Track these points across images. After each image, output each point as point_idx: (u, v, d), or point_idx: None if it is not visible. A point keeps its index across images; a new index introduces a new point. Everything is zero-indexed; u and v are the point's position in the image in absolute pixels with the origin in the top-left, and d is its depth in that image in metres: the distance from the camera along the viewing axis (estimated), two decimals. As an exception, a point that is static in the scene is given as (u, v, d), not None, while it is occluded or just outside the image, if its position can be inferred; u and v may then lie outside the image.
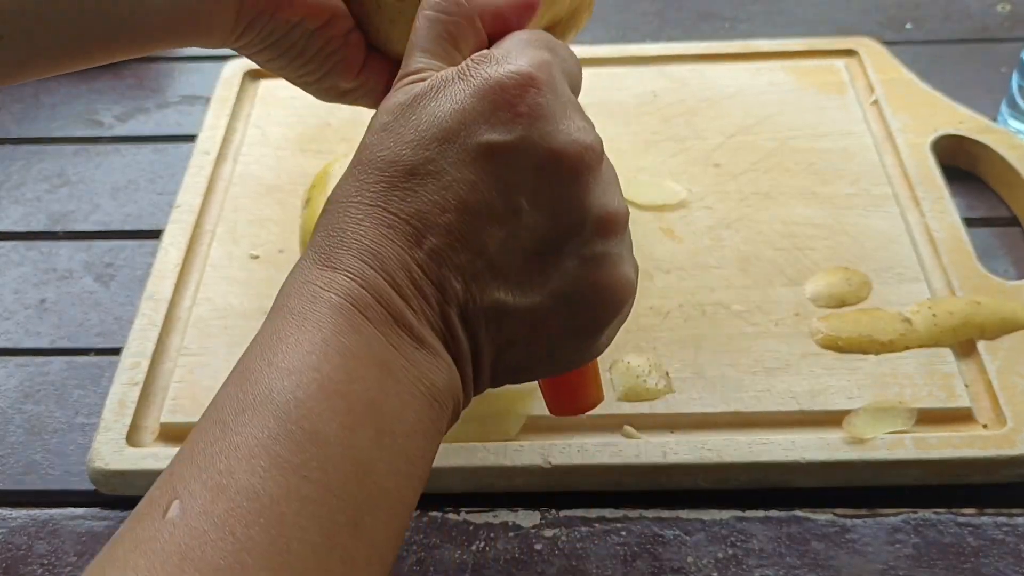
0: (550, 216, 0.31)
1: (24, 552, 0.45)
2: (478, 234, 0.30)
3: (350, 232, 0.30)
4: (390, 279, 0.30)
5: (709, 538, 0.44)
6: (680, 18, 0.76)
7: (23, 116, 0.71)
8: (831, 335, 0.49)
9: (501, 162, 0.30)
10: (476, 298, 0.31)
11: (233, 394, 0.28)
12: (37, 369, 0.53)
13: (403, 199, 0.30)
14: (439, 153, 0.30)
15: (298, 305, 0.29)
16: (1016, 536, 0.43)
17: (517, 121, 0.30)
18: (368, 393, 0.28)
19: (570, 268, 0.32)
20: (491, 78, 0.31)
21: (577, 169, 0.31)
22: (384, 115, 0.32)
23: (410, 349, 0.29)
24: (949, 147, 0.60)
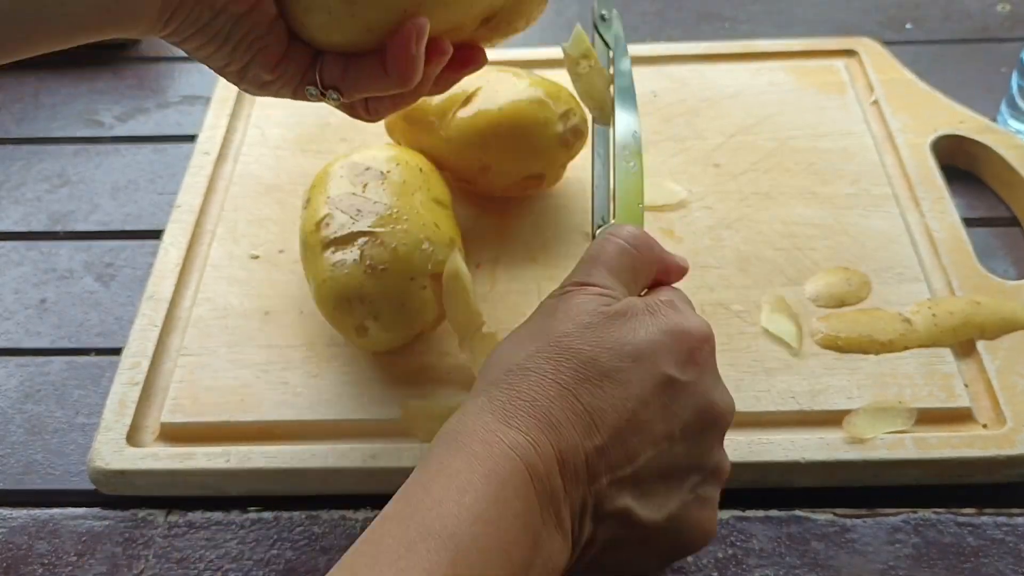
0: (689, 451, 0.36)
1: (24, 552, 0.45)
2: (636, 445, 0.34)
3: (540, 404, 0.34)
4: (560, 457, 0.33)
5: (709, 538, 0.44)
6: (680, 18, 0.76)
7: (23, 116, 0.71)
8: (831, 335, 0.49)
9: (673, 394, 0.35)
10: (612, 499, 0.34)
11: (419, 520, 0.30)
12: (37, 369, 0.53)
13: (591, 393, 0.34)
14: (630, 368, 0.35)
15: (483, 451, 0.32)
16: (1016, 536, 0.43)
17: (693, 368, 0.36)
18: (522, 559, 0.31)
19: (687, 500, 0.36)
20: (681, 325, 0.37)
21: (721, 423, 0.37)
22: (586, 315, 0.36)
23: (552, 528, 0.32)
24: (949, 147, 0.60)
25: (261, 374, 0.50)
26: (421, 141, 0.55)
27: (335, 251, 0.47)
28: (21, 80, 0.74)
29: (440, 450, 0.33)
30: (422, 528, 0.30)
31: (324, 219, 0.48)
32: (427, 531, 0.30)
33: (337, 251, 0.46)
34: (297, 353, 0.51)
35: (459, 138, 0.53)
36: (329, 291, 0.46)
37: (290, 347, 0.51)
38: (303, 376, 0.50)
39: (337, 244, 0.47)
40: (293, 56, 0.39)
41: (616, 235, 0.40)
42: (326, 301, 0.47)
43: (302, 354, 0.51)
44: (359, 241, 0.46)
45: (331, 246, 0.47)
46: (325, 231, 0.47)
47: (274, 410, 0.48)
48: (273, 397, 0.49)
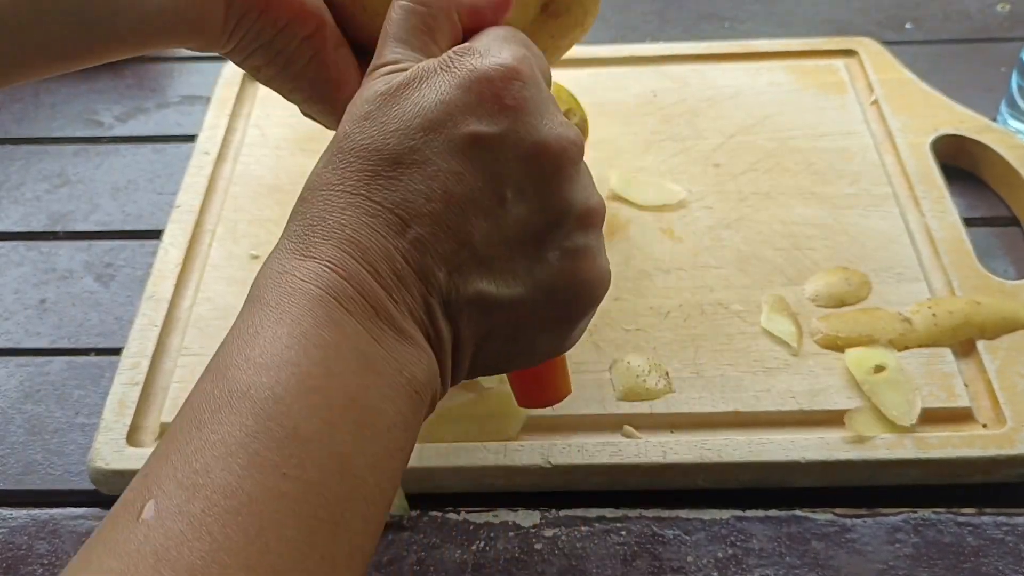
0: (534, 207, 0.31)
1: (24, 552, 0.45)
2: (463, 224, 0.30)
3: (331, 221, 0.30)
4: (372, 269, 0.29)
5: (709, 538, 0.44)
6: (680, 18, 0.76)
7: (23, 116, 0.71)
8: (831, 335, 0.49)
9: (487, 152, 0.31)
10: (459, 288, 0.31)
11: (209, 391, 0.27)
12: (37, 369, 0.53)
13: (387, 188, 0.30)
14: (424, 142, 0.30)
15: (275, 297, 0.29)
16: (1016, 536, 0.43)
17: (503, 113, 0.31)
18: (348, 388, 0.27)
19: (552, 260, 0.32)
20: (476, 70, 0.31)
21: (561, 162, 0.32)
22: (364, 104, 0.32)
23: (391, 341, 0.29)
24: (949, 147, 0.60)
25: (261, 374, 0.50)
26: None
27: (335, 251, 0.46)
28: (21, 80, 0.73)
29: (241, 311, 0.30)
30: (209, 400, 0.27)
31: (324, 219, 0.48)
32: (214, 402, 0.26)
33: (337, 251, 0.46)
34: (297, 353, 0.51)
35: (459, 138, 0.53)
36: (329, 291, 0.46)
37: (290, 347, 0.51)
38: (303, 376, 0.49)
39: (337, 244, 0.47)
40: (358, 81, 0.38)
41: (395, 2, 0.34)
42: (326, 301, 0.47)
43: (302, 354, 0.51)
44: (359, 241, 0.46)
45: (331, 246, 0.47)
46: (325, 231, 0.47)
47: (274, 410, 0.48)
48: (273, 397, 0.49)
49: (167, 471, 0.25)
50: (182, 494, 0.24)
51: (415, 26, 0.33)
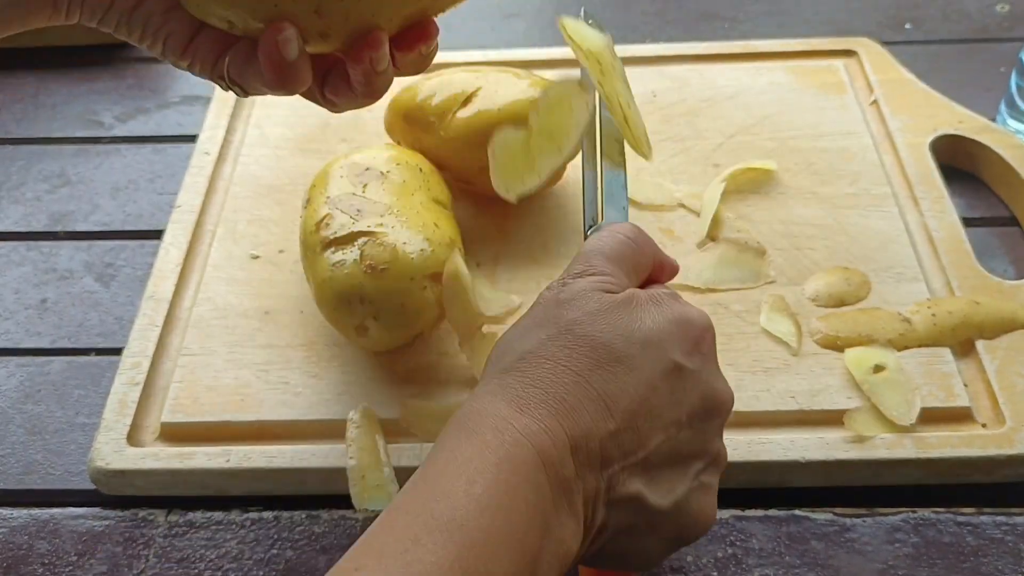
0: (695, 437, 0.36)
1: (25, 551, 0.45)
2: (648, 430, 0.35)
3: (552, 390, 0.34)
4: (573, 443, 0.33)
5: (709, 537, 0.44)
6: (680, 18, 0.76)
7: (23, 116, 0.71)
8: (831, 335, 0.50)
9: (680, 381, 0.36)
10: (625, 484, 0.34)
11: (428, 511, 0.30)
12: (38, 369, 0.53)
13: (605, 379, 0.34)
14: (641, 353, 0.35)
15: (495, 440, 0.32)
16: (1015, 535, 0.43)
17: (698, 356, 0.37)
18: (533, 546, 0.31)
19: (691, 487, 0.36)
20: (685, 314, 0.37)
21: (722, 411, 0.37)
22: (592, 302, 0.36)
23: (565, 515, 0.32)
24: (948, 147, 0.60)
25: (261, 374, 0.50)
26: (421, 141, 0.55)
27: (335, 251, 0.47)
28: (21, 80, 0.74)
29: (451, 438, 0.33)
30: (430, 520, 0.30)
31: (324, 219, 0.48)
32: (435, 523, 0.30)
33: (337, 251, 0.47)
34: (297, 353, 0.51)
35: (459, 138, 0.53)
36: (329, 291, 0.46)
37: (290, 347, 0.51)
38: (303, 376, 0.50)
39: (337, 244, 0.47)
40: (204, 41, 0.39)
41: (615, 229, 0.40)
42: (326, 301, 0.47)
43: (302, 354, 0.51)
44: (359, 241, 0.46)
45: (331, 246, 0.47)
46: (325, 231, 0.47)
47: (274, 410, 0.48)
48: (273, 397, 0.49)
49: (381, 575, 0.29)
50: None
51: (625, 255, 0.39)
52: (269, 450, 0.47)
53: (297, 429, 0.48)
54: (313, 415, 0.48)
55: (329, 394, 0.49)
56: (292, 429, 0.48)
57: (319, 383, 0.49)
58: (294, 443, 0.47)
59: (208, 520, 0.46)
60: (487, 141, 0.53)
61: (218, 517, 0.46)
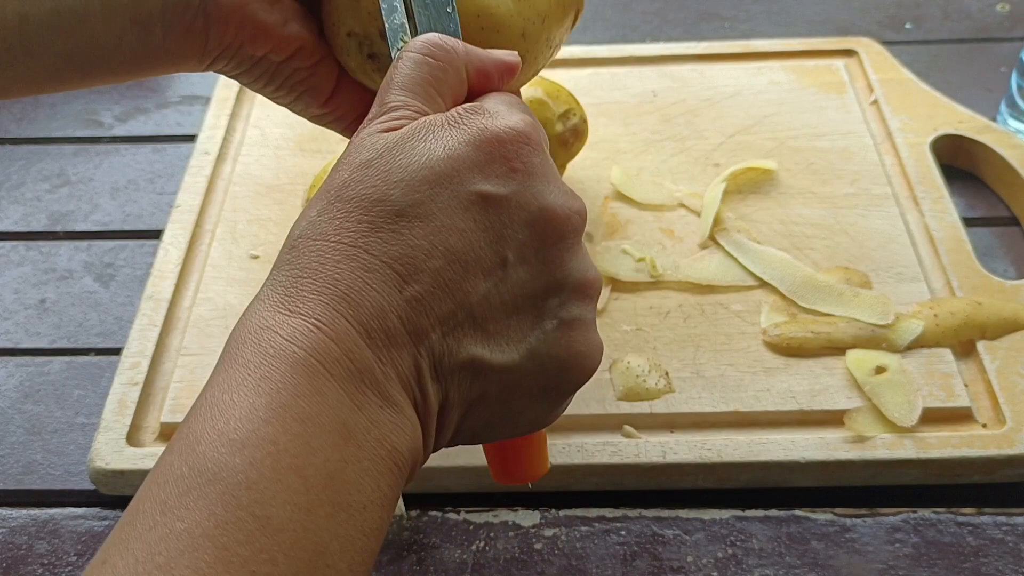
0: (535, 273, 0.31)
1: (24, 552, 0.45)
2: (463, 284, 0.29)
3: (323, 274, 0.28)
4: (362, 329, 0.28)
5: (709, 537, 0.44)
6: (680, 18, 0.76)
7: (23, 116, 0.71)
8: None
9: (493, 213, 0.30)
10: (452, 351, 0.29)
11: (177, 468, 0.25)
12: (37, 369, 0.53)
13: (387, 241, 0.29)
14: (429, 196, 0.29)
15: (255, 358, 0.27)
16: (1015, 536, 0.43)
17: (511, 175, 0.30)
18: (327, 465, 0.26)
19: (548, 328, 0.31)
20: (487, 129, 0.30)
21: (564, 230, 0.31)
22: (364, 151, 0.30)
23: (375, 408, 0.27)
24: (948, 147, 0.60)
25: (261, 374, 0.50)
26: (421, 141, 0.55)
27: (335, 251, 0.47)
28: (21, 80, 0.74)
29: (216, 367, 0.28)
30: (178, 481, 0.25)
31: (324, 219, 0.48)
32: (183, 484, 0.25)
33: (337, 251, 0.46)
34: (297, 353, 0.51)
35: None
36: (329, 291, 0.46)
37: (290, 347, 0.51)
38: (303, 376, 0.50)
39: (337, 244, 0.47)
40: (343, 94, 0.40)
41: (408, 48, 0.33)
42: (326, 301, 0.47)
43: (302, 354, 0.51)
44: (359, 241, 0.46)
45: (331, 246, 0.47)
46: (325, 231, 0.47)
47: (274, 410, 0.48)
48: (273, 397, 0.49)
49: (128, 562, 0.23)
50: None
51: (423, 77, 0.33)
52: (269, 450, 0.46)
53: (297, 429, 0.48)
54: (313, 415, 0.48)
55: (329, 394, 0.49)
56: (292, 429, 0.48)
57: (319, 383, 0.49)
58: (294, 443, 0.47)
59: (208, 520, 0.46)
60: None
61: (218, 517, 0.46)
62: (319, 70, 0.39)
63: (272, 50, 0.38)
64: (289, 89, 0.40)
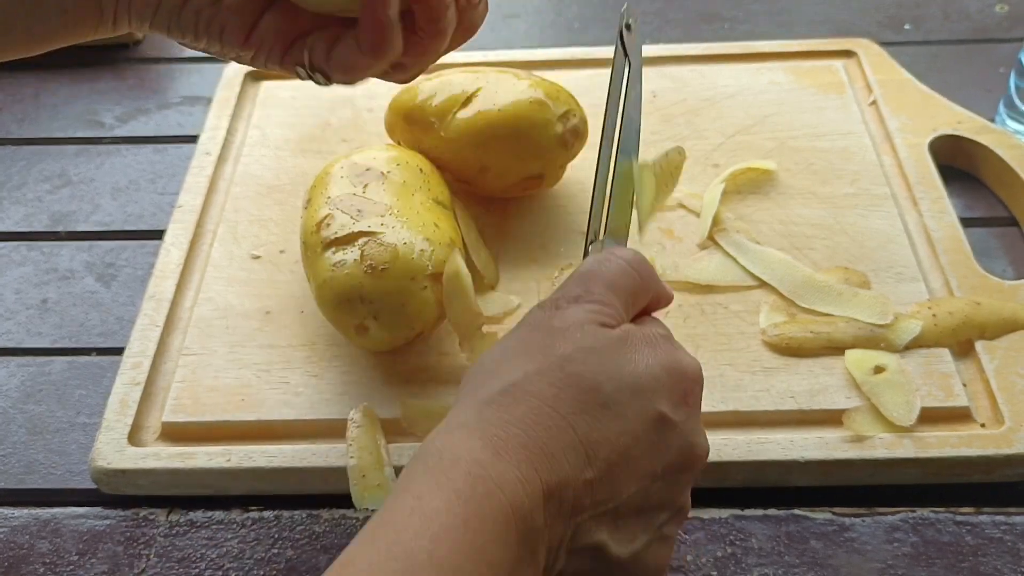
0: (665, 490, 0.35)
1: (26, 551, 0.45)
2: (624, 480, 0.33)
3: (534, 433, 0.32)
4: (547, 492, 0.31)
5: (708, 536, 0.44)
6: (680, 18, 0.76)
7: (24, 117, 0.71)
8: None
9: (663, 432, 0.34)
10: (590, 532, 0.33)
11: (385, 567, 0.28)
12: (39, 369, 0.54)
13: (589, 425, 0.33)
14: (628, 401, 0.34)
15: (467, 490, 0.30)
16: (1014, 535, 0.43)
17: (684, 407, 0.35)
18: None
19: (652, 538, 0.35)
20: (679, 363, 0.36)
21: (696, 465, 0.36)
22: (588, 337, 0.35)
23: (526, 566, 0.31)
24: (947, 147, 0.60)
25: (262, 374, 0.50)
26: (421, 142, 0.55)
27: (336, 251, 0.47)
28: (22, 80, 0.74)
29: (418, 479, 0.31)
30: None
31: (325, 219, 0.48)
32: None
33: (338, 251, 0.47)
34: (298, 353, 0.51)
35: (459, 139, 0.53)
36: (330, 291, 0.46)
37: (291, 347, 0.51)
38: (304, 376, 0.50)
39: (338, 244, 0.47)
40: (268, 29, 0.39)
41: (619, 255, 0.38)
42: (327, 301, 0.47)
43: (303, 354, 0.51)
44: (360, 241, 0.46)
45: (332, 246, 0.47)
46: (326, 231, 0.47)
47: (275, 410, 0.48)
48: (274, 397, 0.49)
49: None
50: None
51: (627, 285, 0.37)
52: (270, 450, 0.47)
53: (298, 429, 0.48)
54: (314, 415, 0.48)
55: (329, 394, 0.49)
56: (293, 429, 0.48)
57: (320, 383, 0.49)
58: (295, 443, 0.47)
59: (209, 519, 0.46)
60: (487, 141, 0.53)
61: (219, 516, 0.46)
62: (222, 4, 0.38)
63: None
64: (208, 33, 0.39)
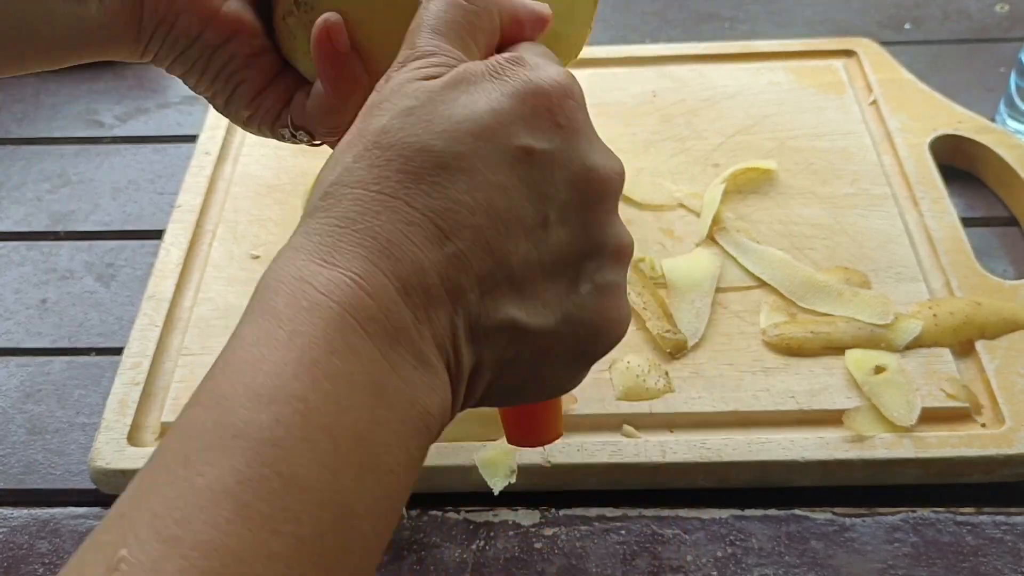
0: (574, 234, 0.30)
1: (25, 551, 0.45)
2: (504, 242, 0.28)
3: (363, 225, 0.27)
4: (400, 285, 0.27)
5: (708, 537, 0.44)
6: (680, 18, 0.76)
7: (24, 116, 0.71)
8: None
9: (536, 169, 0.29)
10: (490, 312, 0.28)
11: (201, 421, 0.24)
12: (38, 369, 0.53)
13: (429, 194, 0.27)
14: (472, 149, 0.28)
15: (287, 310, 0.25)
16: (1014, 535, 0.43)
17: (556, 131, 0.29)
18: (356, 426, 0.25)
19: (583, 292, 0.30)
20: (531, 82, 0.29)
21: (606, 190, 0.30)
22: (405, 97, 0.29)
23: (408, 368, 0.26)
24: (948, 147, 0.60)
25: (261, 374, 0.50)
26: (421, 141, 0.55)
27: (335, 251, 0.47)
28: (22, 80, 0.74)
29: (243, 320, 0.27)
30: (203, 435, 0.24)
31: (324, 219, 0.48)
32: (207, 439, 0.24)
33: (337, 251, 0.47)
34: (297, 353, 0.51)
35: (459, 138, 0.53)
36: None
37: (290, 347, 0.51)
38: (303, 376, 0.50)
39: (337, 244, 0.47)
40: (273, 92, 0.39)
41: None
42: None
43: (302, 354, 0.51)
44: (359, 241, 0.46)
45: (331, 246, 0.47)
46: (325, 231, 0.47)
47: (274, 410, 0.48)
48: (273, 397, 0.49)
49: (145, 516, 0.23)
50: (158, 548, 0.22)
51: (456, 21, 0.31)
52: (269, 450, 0.47)
53: (297, 429, 0.48)
54: (313, 415, 0.48)
55: (329, 394, 0.49)
56: (292, 429, 0.48)
57: (319, 383, 0.49)
58: (294, 443, 0.47)
59: (208, 520, 0.46)
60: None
61: (218, 517, 0.46)
62: (256, 61, 0.38)
63: (208, 27, 0.37)
64: (225, 81, 0.39)
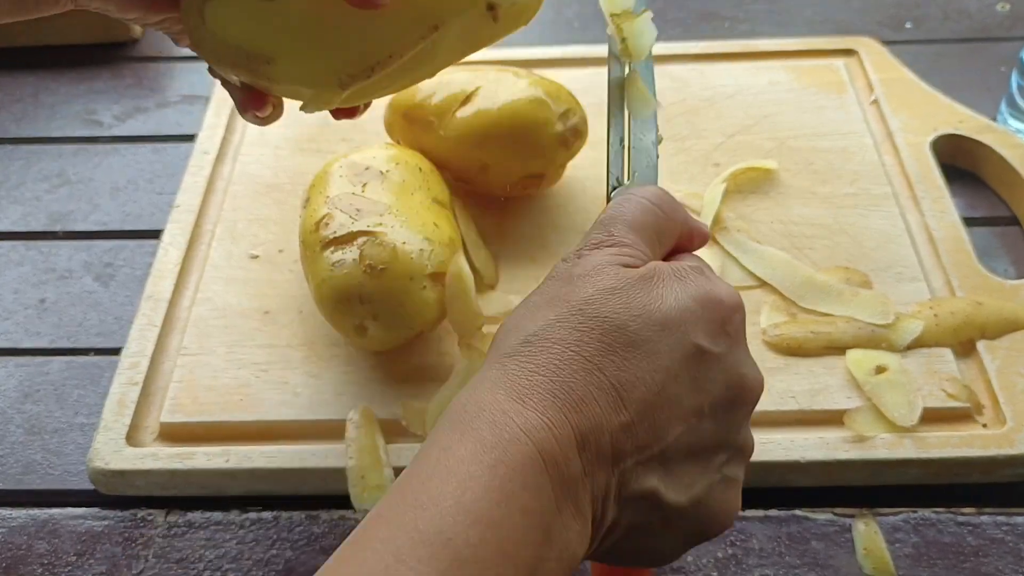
0: (718, 428, 0.33)
1: (24, 551, 0.45)
2: (665, 421, 0.32)
3: (560, 379, 0.31)
4: (581, 439, 0.30)
5: (709, 537, 0.44)
6: (680, 18, 0.76)
7: (23, 116, 0.71)
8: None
9: (703, 366, 0.33)
10: (639, 480, 0.32)
11: (412, 520, 0.28)
12: (37, 369, 0.53)
13: (619, 366, 0.31)
14: (659, 337, 0.32)
15: (491, 437, 0.29)
16: (1015, 535, 0.43)
17: (724, 338, 0.33)
18: (531, 559, 0.28)
19: (713, 481, 0.34)
20: (711, 292, 0.34)
21: (749, 399, 0.34)
22: (608, 278, 0.33)
23: (568, 516, 0.30)
24: (949, 146, 0.60)
25: (261, 374, 0.50)
26: (420, 141, 0.55)
27: (335, 251, 0.47)
28: (20, 80, 0.74)
29: (443, 433, 0.30)
30: (414, 533, 0.27)
31: (324, 219, 0.48)
32: (419, 536, 0.27)
33: (337, 251, 0.46)
34: (297, 353, 0.51)
35: (458, 138, 0.53)
36: (329, 291, 0.46)
37: (290, 347, 0.51)
38: (303, 376, 0.50)
39: (337, 244, 0.47)
40: None
41: (639, 193, 0.36)
42: (326, 301, 0.47)
43: (302, 354, 0.51)
44: (359, 241, 0.46)
45: (331, 246, 0.47)
46: (325, 231, 0.47)
47: (274, 410, 0.48)
48: (273, 397, 0.49)
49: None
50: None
51: (649, 224, 0.36)
52: (268, 450, 0.46)
53: (296, 429, 0.48)
54: (312, 415, 0.48)
55: (328, 394, 0.49)
56: (291, 429, 0.48)
57: (318, 383, 0.49)
58: (293, 443, 0.47)
59: (207, 520, 0.46)
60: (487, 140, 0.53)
61: (217, 517, 0.46)
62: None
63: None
64: None
